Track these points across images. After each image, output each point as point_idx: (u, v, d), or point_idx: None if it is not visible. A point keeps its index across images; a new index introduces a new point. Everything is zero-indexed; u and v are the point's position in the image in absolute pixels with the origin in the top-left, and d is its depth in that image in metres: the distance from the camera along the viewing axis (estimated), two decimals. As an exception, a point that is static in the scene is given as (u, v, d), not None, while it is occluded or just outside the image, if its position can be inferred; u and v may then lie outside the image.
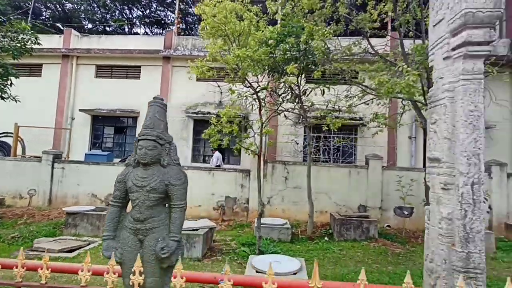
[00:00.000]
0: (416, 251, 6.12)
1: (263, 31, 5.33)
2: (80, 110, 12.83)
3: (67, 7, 26.32)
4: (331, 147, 11.93)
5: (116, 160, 12.33)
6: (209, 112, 12.05)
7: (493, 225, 8.80)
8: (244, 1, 5.34)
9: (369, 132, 12.26)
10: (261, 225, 6.87)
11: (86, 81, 13.31)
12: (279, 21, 6.42)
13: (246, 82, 6.02)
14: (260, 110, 6.39)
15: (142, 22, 27.50)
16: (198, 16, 5.24)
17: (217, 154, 11.79)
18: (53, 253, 5.38)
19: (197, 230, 5.57)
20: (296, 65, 5.14)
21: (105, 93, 12.92)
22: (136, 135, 2.29)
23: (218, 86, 9.02)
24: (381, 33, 8.64)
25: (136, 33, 26.22)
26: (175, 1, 14.75)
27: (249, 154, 6.89)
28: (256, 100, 6.65)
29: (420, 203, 8.43)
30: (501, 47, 12.02)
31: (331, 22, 7.67)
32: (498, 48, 12.08)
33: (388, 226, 8.93)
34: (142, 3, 26.46)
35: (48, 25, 24.73)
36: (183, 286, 1.71)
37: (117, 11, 27.79)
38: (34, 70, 13.40)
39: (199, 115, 12.43)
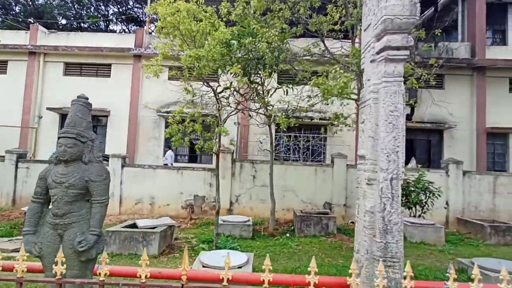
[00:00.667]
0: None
1: (221, 31, 5.43)
2: (48, 108, 12.51)
3: (39, 2, 25.50)
4: (300, 146, 12.17)
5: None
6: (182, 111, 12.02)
7: (449, 220, 9.27)
8: (198, 2, 5.42)
9: (337, 132, 12.61)
10: (224, 223, 7.00)
11: (54, 78, 12.99)
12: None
13: (204, 81, 6.10)
14: (219, 109, 6.48)
15: (119, 19, 27.00)
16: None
17: (169, 152, 11.87)
18: (5, 253, 5.31)
19: (154, 228, 5.61)
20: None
21: (74, 92, 12.49)
22: (106, 134, 2.34)
23: (190, 86, 9.07)
24: (341, 36, 8.85)
25: (113, 31, 25.73)
26: (148, -1, 14.60)
27: (208, 153, 6.97)
28: (220, 99, 6.75)
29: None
30: (462, 50, 12.62)
31: (292, 25, 7.85)
32: (460, 51, 12.68)
33: (352, 222, 9.23)
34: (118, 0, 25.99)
35: (20, 20, 23.94)
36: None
37: (93, 8, 27.18)
38: (-1, 67, 12.97)
39: (171, 114, 12.38)
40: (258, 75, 7.25)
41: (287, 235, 7.28)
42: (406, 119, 11.97)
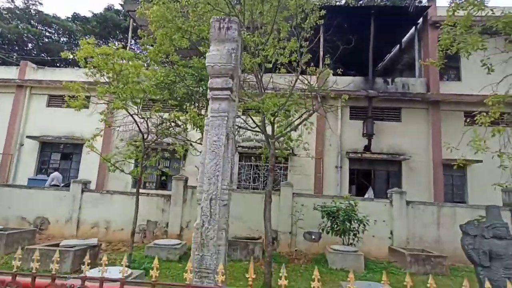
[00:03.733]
0: (296, 270, 6.67)
1: (147, 69, 6.22)
2: (28, 136, 13.45)
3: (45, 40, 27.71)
4: (261, 175, 12.61)
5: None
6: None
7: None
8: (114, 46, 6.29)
9: (299, 161, 13.07)
10: (154, 246, 7.38)
11: (38, 109, 14.07)
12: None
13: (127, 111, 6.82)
14: (143, 139, 7.11)
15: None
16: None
17: (55, 174, 12.22)
18: None
19: (73, 247, 6.06)
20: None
21: (54, 121, 13.64)
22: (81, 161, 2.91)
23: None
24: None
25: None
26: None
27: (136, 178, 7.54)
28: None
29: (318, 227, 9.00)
30: (418, 85, 13.23)
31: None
32: (416, 86, 13.29)
33: (296, 250, 9.42)
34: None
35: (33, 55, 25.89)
36: None
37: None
38: (-11, 99, 14.17)
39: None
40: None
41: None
42: (365, 150, 12.47)
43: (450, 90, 12.82)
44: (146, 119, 6.96)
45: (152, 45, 6.59)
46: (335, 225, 8.17)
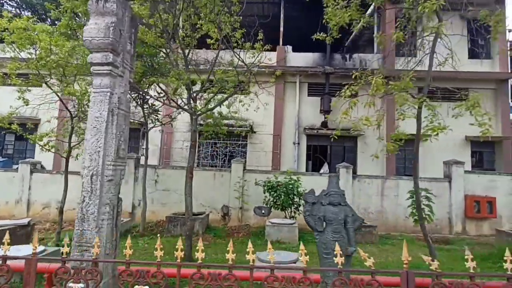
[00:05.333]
0: (218, 243, 6.89)
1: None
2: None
3: None
4: (219, 152, 12.69)
5: (16, 166, 12.55)
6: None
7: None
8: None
9: (258, 138, 13.18)
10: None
11: (-11, 88, 13.51)
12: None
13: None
14: (71, 117, 6.97)
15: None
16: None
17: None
18: None
19: (1, 226, 6.07)
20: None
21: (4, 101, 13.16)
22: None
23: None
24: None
25: None
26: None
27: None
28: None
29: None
30: (375, 62, 13.29)
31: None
32: (373, 63, 13.35)
33: (247, 224, 9.69)
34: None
35: None
36: None
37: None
38: None
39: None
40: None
41: (158, 235, 7.71)
42: (322, 126, 12.59)
43: (406, 66, 12.94)
44: (75, 96, 6.80)
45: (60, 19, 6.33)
46: (277, 200, 8.40)
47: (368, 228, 7.65)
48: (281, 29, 14.16)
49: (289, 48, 13.80)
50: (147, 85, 7.23)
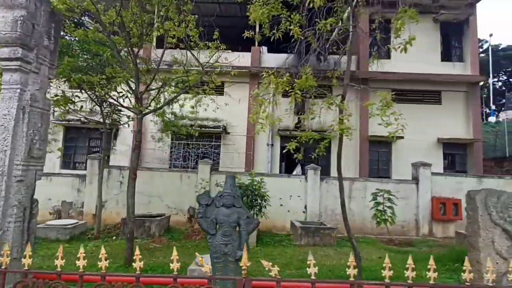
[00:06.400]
0: (172, 247, 6.75)
1: None
2: None
3: None
4: (191, 153, 12.54)
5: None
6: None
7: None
8: None
9: (232, 139, 13.06)
10: (47, 226, 7.23)
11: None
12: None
13: None
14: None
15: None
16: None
17: None
18: None
19: None
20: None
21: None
22: None
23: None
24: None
25: None
26: None
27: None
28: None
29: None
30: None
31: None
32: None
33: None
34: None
35: None
36: None
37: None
38: None
39: (71, 123, 12.66)
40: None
41: (114, 237, 7.54)
42: (296, 127, 12.48)
43: (379, 67, 12.96)
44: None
45: None
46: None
47: (327, 230, 7.56)
48: (257, 29, 14.07)
49: (264, 49, 13.75)
50: (114, 85, 7.02)
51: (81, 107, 7.66)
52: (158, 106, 6.35)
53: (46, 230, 7.07)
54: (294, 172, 12.36)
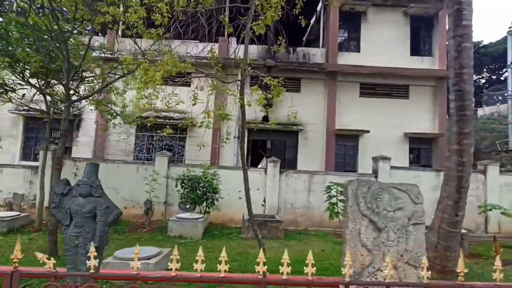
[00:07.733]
0: (114, 239, 6.61)
1: None
2: None
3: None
4: (155, 145, 12.31)
5: None
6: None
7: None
8: None
9: (198, 132, 12.84)
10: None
11: None
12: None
13: None
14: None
15: None
16: None
17: None
18: None
19: None
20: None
21: None
22: None
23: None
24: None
25: None
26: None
27: None
28: None
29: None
30: (319, 56, 13.16)
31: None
32: (317, 57, 13.22)
33: (169, 220, 9.38)
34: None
35: None
36: None
37: None
38: None
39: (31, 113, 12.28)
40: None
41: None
42: (264, 120, 12.29)
43: (349, 61, 12.87)
44: None
45: None
46: (189, 194, 8.13)
47: (274, 223, 7.47)
48: (226, 20, 13.80)
49: (233, 40, 13.49)
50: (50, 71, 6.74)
51: (23, 95, 7.36)
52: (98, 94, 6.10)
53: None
54: (260, 166, 12.24)
